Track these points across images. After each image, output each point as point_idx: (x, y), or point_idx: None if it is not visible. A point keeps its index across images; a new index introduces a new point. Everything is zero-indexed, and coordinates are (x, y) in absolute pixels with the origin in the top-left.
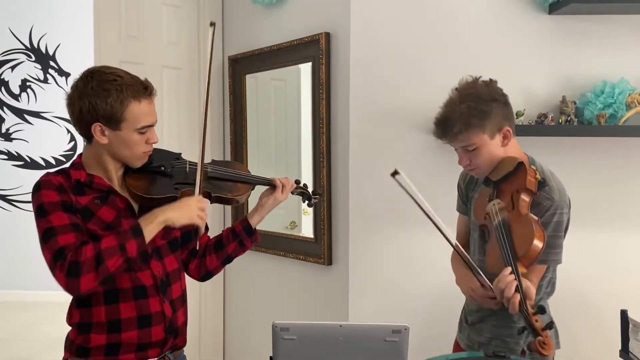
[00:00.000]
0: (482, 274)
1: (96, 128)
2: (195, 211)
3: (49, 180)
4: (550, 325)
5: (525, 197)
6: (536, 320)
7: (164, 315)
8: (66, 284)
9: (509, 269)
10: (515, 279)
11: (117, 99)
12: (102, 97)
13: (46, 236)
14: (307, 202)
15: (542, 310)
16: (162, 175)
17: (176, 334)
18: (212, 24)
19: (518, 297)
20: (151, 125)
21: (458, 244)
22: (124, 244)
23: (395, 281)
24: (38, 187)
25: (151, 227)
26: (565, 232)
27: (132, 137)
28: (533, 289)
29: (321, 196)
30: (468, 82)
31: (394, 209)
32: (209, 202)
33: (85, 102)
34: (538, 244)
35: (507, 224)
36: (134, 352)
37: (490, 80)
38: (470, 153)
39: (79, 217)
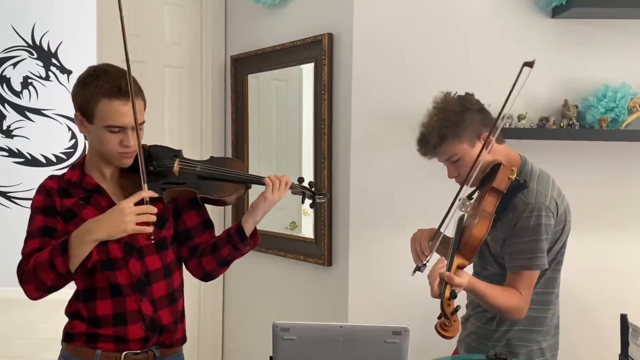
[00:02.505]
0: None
1: (77, 117)
2: (130, 218)
3: (43, 185)
4: (457, 309)
5: (491, 195)
6: (448, 305)
7: (142, 314)
8: (22, 289)
9: (443, 260)
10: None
11: (91, 92)
12: (81, 86)
13: (25, 238)
14: (309, 202)
15: (453, 295)
16: (152, 175)
17: (161, 332)
18: None
19: (436, 281)
20: (123, 127)
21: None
22: (53, 260)
23: (395, 282)
24: (36, 191)
25: (82, 249)
26: (559, 240)
27: (103, 134)
28: (458, 279)
29: (325, 196)
30: (440, 98)
31: (394, 210)
32: (198, 202)
33: (74, 89)
34: (476, 233)
35: (462, 218)
36: (113, 343)
37: (466, 93)
38: (456, 164)
39: (60, 220)
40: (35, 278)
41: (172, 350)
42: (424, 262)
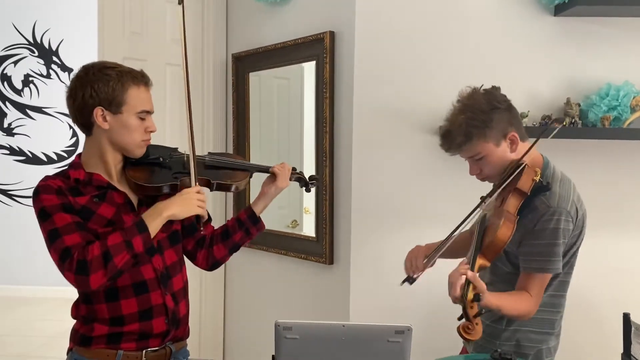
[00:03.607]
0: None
1: (98, 112)
2: (196, 202)
3: (48, 185)
4: (480, 312)
5: (514, 196)
6: (471, 307)
7: (165, 308)
8: (76, 281)
9: (465, 261)
10: (467, 270)
11: (117, 82)
12: (103, 81)
13: (51, 237)
14: (304, 187)
15: (477, 298)
16: (161, 167)
17: (178, 325)
18: (181, 2)
19: (460, 282)
20: (149, 112)
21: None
22: (129, 240)
23: (397, 281)
24: (37, 192)
25: (156, 223)
26: (575, 245)
27: (133, 121)
28: (482, 283)
29: (318, 181)
30: (467, 93)
31: (396, 209)
32: (210, 189)
33: (87, 88)
34: (501, 235)
35: (485, 218)
36: (135, 342)
37: (493, 87)
38: (479, 162)
39: (79, 218)
40: (106, 263)
41: (183, 344)
42: (414, 277)
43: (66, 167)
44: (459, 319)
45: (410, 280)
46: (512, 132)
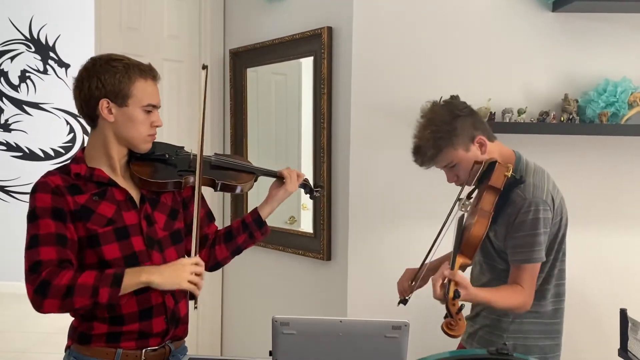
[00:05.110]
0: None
1: (103, 104)
2: (186, 276)
3: (46, 183)
4: (462, 307)
5: (488, 193)
6: (453, 304)
7: (165, 307)
8: (31, 298)
9: (446, 263)
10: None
11: (124, 75)
12: (110, 72)
13: (30, 243)
14: (309, 194)
15: (457, 295)
16: (166, 163)
17: (177, 324)
18: (205, 67)
19: (439, 283)
20: (156, 107)
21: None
22: (98, 288)
23: (394, 277)
24: (35, 189)
25: (131, 282)
26: (559, 232)
27: (138, 115)
28: (461, 275)
29: (323, 189)
30: (427, 108)
31: (393, 205)
32: (214, 189)
33: (94, 79)
34: (475, 232)
35: (462, 218)
36: (135, 341)
37: (452, 96)
38: (454, 170)
39: (70, 224)
40: (66, 298)
41: (181, 342)
42: (406, 298)
43: (68, 161)
44: (445, 317)
45: (403, 301)
46: (478, 136)
